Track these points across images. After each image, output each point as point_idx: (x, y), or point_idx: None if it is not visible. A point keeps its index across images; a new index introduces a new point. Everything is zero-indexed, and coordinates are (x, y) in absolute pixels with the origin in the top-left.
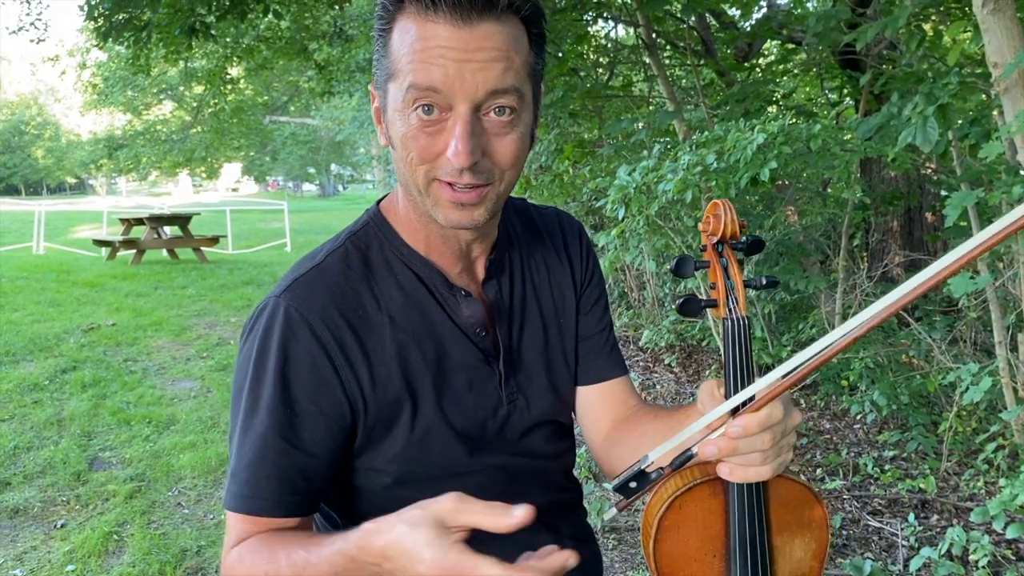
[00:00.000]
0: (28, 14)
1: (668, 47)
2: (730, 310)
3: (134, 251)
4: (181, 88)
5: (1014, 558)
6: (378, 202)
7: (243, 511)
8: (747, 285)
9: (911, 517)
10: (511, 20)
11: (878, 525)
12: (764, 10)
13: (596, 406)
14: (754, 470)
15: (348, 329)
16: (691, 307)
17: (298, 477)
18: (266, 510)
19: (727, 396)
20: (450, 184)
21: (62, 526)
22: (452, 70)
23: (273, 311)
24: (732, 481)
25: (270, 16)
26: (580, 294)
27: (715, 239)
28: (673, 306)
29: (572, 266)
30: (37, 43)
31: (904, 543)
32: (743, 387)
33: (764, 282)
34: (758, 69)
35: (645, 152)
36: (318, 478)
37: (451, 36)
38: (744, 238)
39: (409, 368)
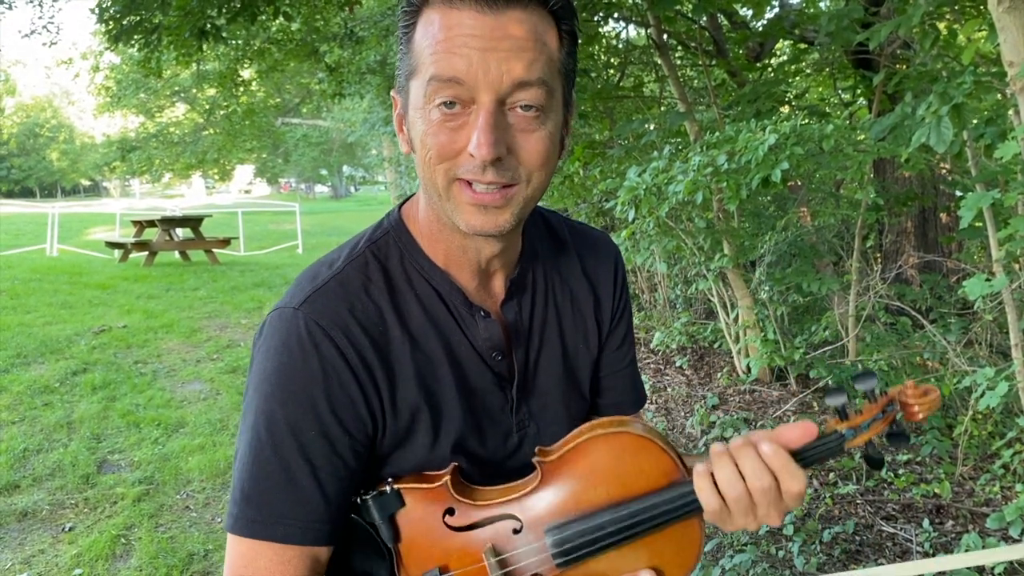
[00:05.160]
0: (40, 17)
1: (679, 47)
2: (844, 436)
3: (146, 253)
4: (193, 90)
5: None
6: (400, 206)
7: (264, 538)
8: (866, 447)
9: (926, 523)
10: (539, 12)
11: (892, 530)
12: (776, 10)
13: None
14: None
15: (371, 346)
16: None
17: (324, 503)
18: (293, 537)
19: None
20: (471, 186)
21: (70, 529)
22: (476, 59)
23: (291, 324)
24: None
25: (280, 18)
26: (609, 329)
27: (899, 410)
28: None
29: (597, 293)
30: (49, 46)
31: (919, 549)
32: None
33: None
34: (770, 69)
35: (656, 153)
36: (344, 503)
37: (475, 24)
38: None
39: (428, 390)
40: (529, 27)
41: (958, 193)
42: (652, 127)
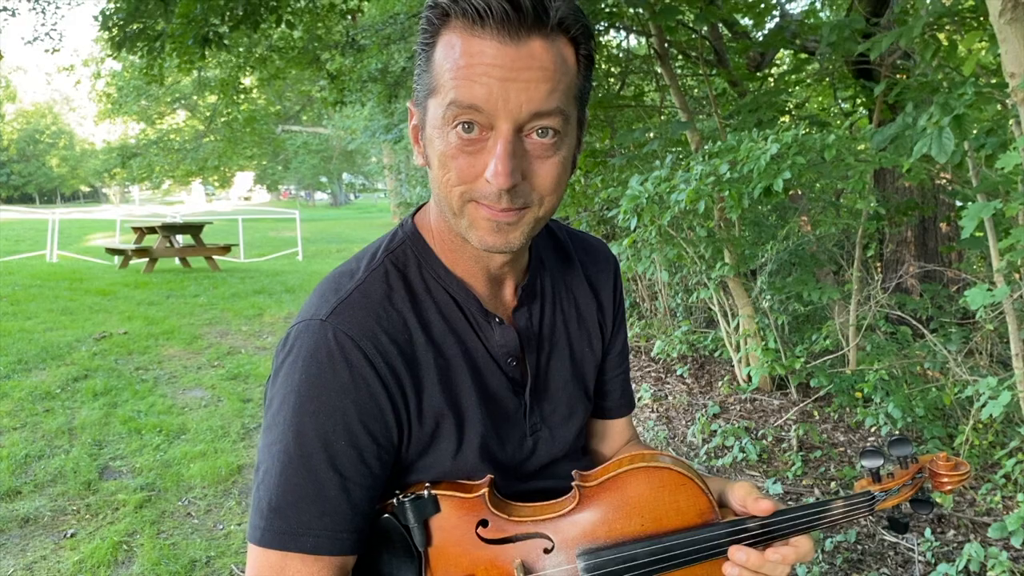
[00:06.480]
0: (43, 24)
1: (680, 57)
2: (875, 497)
3: (146, 259)
4: (194, 97)
5: None
6: (412, 215)
7: (294, 549)
8: (892, 510)
9: (927, 532)
10: (560, 39)
11: (894, 540)
12: (777, 20)
13: (595, 437)
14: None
15: (398, 355)
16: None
17: (351, 512)
18: (322, 548)
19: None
20: (487, 205)
21: (72, 535)
22: (496, 88)
23: (319, 335)
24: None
25: (283, 26)
26: (612, 334)
27: (928, 478)
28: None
29: (600, 300)
30: (52, 53)
31: (920, 558)
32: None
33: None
34: (771, 79)
35: (657, 162)
36: (370, 511)
37: (497, 53)
38: (935, 497)
39: (451, 397)
40: (550, 56)
41: (959, 203)
42: (653, 136)
